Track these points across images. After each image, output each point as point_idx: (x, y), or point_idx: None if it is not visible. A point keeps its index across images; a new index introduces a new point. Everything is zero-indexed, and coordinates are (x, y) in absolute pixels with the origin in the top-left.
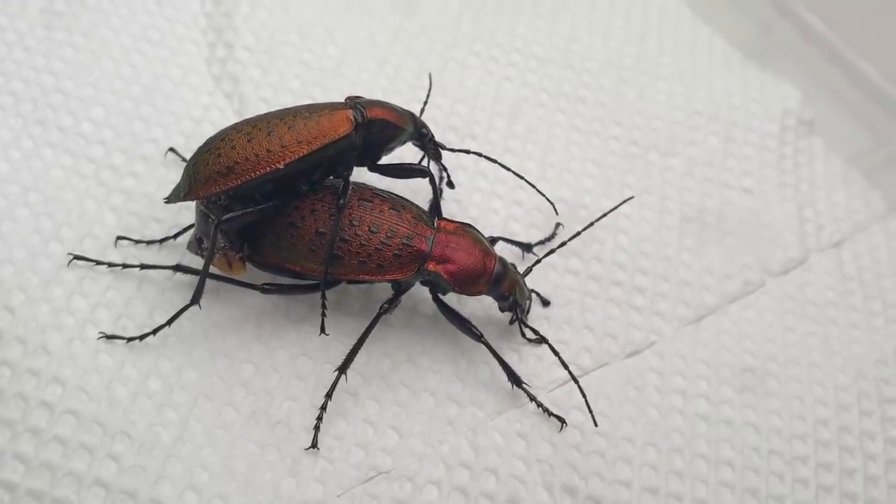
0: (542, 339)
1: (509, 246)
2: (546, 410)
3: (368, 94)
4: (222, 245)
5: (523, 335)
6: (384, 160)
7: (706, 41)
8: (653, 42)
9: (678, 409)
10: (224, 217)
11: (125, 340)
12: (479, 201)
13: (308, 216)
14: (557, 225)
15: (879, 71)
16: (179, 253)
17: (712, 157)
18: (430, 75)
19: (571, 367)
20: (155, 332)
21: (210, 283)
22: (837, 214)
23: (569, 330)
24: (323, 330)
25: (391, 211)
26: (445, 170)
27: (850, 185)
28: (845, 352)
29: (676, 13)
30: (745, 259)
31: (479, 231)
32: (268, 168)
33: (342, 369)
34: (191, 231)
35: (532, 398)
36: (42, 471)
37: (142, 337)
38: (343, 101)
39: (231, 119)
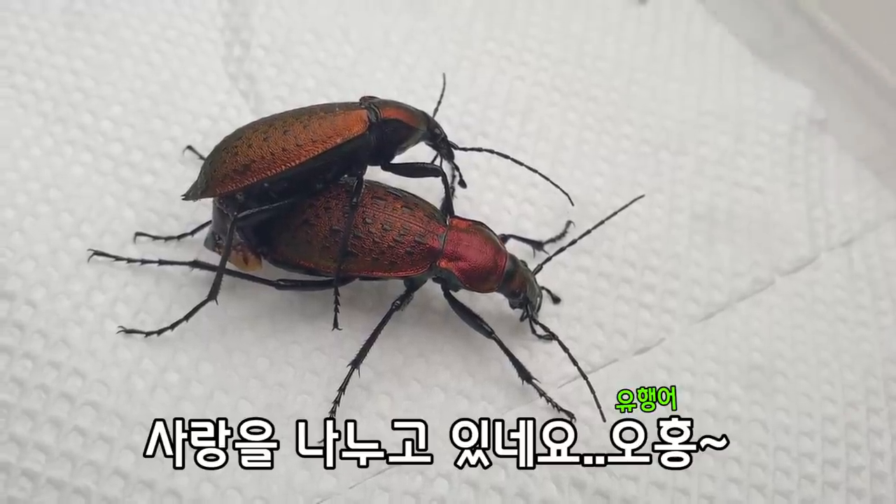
0: (552, 336)
1: (520, 243)
2: (555, 406)
3: (383, 92)
4: (239, 242)
5: (534, 332)
6: (397, 159)
7: (718, 40)
8: (664, 42)
9: (686, 406)
10: (240, 214)
11: (144, 335)
12: (491, 199)
13: (322, 214)
14: (568, 223)
15: (892, 70)
16: (197, 249)
17: (722, 156)
18: (444, 76)
19: (581, 364)
20: (173, 326)
21: (226, 279)
22: (848, 213)
23: (579, 327)
24: (336, 325)
25: (404, 209)
26: (458, 169)
27: (861, 184)
28: (854, 350)
29: (689, 12)
30: (755, 257)
31: (490, 229)
32: (283, 166)
33: (355, 364)
34: (208, 228)
35: (542, 394)
36: (63, 461)
37: (160, 331)
38: (358, 101)
39: (248, 117)
